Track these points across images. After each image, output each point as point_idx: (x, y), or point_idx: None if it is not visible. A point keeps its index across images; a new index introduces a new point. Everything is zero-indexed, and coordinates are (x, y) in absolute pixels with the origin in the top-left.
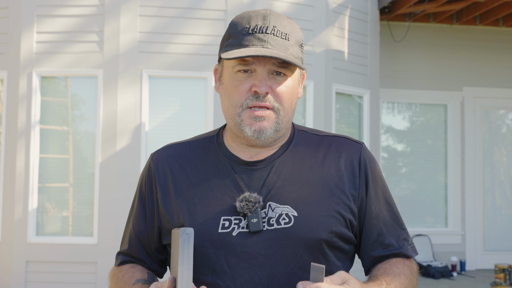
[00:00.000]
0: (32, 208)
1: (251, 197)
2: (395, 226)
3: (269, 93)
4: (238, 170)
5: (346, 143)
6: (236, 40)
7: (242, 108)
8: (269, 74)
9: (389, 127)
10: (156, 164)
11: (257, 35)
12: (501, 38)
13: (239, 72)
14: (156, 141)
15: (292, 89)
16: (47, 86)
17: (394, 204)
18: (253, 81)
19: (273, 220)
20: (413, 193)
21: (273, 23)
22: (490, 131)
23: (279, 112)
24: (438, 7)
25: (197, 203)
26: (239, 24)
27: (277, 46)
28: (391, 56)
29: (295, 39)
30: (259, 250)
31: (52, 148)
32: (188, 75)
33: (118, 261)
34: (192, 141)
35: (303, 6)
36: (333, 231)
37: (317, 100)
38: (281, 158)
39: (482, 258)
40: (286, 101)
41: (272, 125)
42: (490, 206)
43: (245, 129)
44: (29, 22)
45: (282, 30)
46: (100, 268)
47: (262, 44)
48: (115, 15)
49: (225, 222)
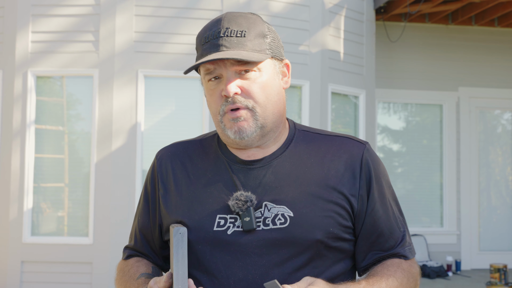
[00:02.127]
0: (27, 208)
1: (242, 196)
2: (396, 227)
3: (238, 93)
4: (235, 169)
5: (349, 143)
6: (199, 51)
7: (221, 114)
8: (235, 74)
9: (384, 127)
10: (159, 162)
11: (212, 41)
12: (497, 38)
13: (210, 81)
14: (151, 141)
15: (265, 82)
16: (43, 86)
17: (398, 204)
18: (222, 86)
19: (269, 220)
20: (409, 193)
21: (226, 25)
22: (485, 131)
23: (255, 109)
24: (434, 7)
25: (194, 200)
26: (200, 35)
27: (233, 46)
28: (387, 56)
29: (255, 32)
30: (253, 249)
31: (48, 148)
32: (184, 75)
33: (125, 255)
34: (196, 140)
35: (299, 6)
36: (329, 231)
37: (313, 100)
38: (279, 158)
39: (478, 258)
40: (259, 96)
41: (251, 123)
42: (485, 206)
43: (228, 133)
44: (25, 21)
45: (237, 29)
46: (96, 268)
47: (217, 48)
48: (110, 15)
49: (221, 221)
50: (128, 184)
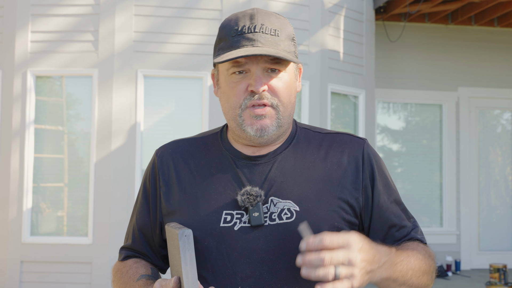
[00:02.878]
0: (26, 208)
1: (253, 191)
2: (405, 217)
3: (266, 91)
4: (240, 164)
5: (349, 139)
6: (227, 43)
7: (242, 108)
8: (263, 72)
9: (384, 127)
10: (160, 159)
11: (246, 35)
12: (496, 38)
13: (234, 74)
14: (151, 141)
15: (289, 84)
16: (42, 86)
17: (399, 196)
18: (249, 81)
19: (275, 215)
20: (409, 193)
21: (261, 21)
22: (485, 131)
23: (278, 108)
24: (434, 7)
25: (199, 197)
26: (228, 26)
27: (267, 43)
28: (387, 56)
29: (286, 34)
30: (261, 245)
31: (47, 147)
32: (184, 75)
33: (121, 256)
34: (197, 137)
35: (298, 6)
36: (335, 226)
37: (313, 100)
38: (283, 153)
39: (477, 258)
40: (284, 96)
41: (274, 122)
42: (485, 206)
43: (247, 129)
44: (24, 21)
45: (271, 27)
46: (95, 268)
47: (252, 43)
48: (110, 15)
49: (227, 216)
50: (127, 184)
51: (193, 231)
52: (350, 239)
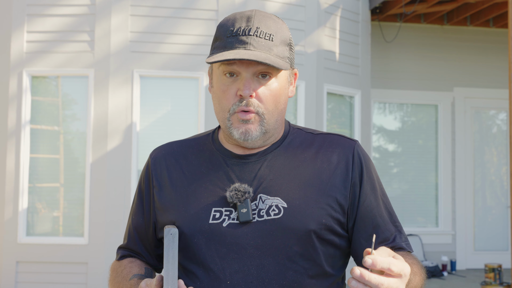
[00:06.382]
0: (22, 208)
1: (241, 187)
2: (389, 221)
3: (253, 96)
4: (230, 163)
5: (340, 140)
6: (221, 42)
7: (230, 113)
8: (253, 76)
9: (380, 127)
10: (154, 161)
11: (240, 37)
12: (492, 38)
13: (225, 75)
14: (147, 141)
15: (278, 91)
16: (38, 86)
17: (389, 201)
18: (238, 85)
19: (263, 212)
20: (404, 193)
21: (256, 24)
22: (480, 131)
23: (264, 115)
24: (429, 8)
25: (190, 195)
26: (224, 26)
27: (260, 47)
28: (382, 57)
29: (281, 38)
30: (249, 241)
31: (43, 148)
32: (180, 75)
33: (118, 256)
34: (190, 139)
35: (294, 6)
36: (322, 222)
37: (309, 100)
38: (274, 152)
39: (473, 258)
40: (270, 103)
41: (257, 128)
42: (480, 206)
43: (233, 132)
44: (20, 21)
45: (266, 31)
46: (91, 268)
47: (245, 46)
48: (106, 15)
49: (216, 213)
50: (123, 184)
51: (183, 228)
52: (405, 270)
